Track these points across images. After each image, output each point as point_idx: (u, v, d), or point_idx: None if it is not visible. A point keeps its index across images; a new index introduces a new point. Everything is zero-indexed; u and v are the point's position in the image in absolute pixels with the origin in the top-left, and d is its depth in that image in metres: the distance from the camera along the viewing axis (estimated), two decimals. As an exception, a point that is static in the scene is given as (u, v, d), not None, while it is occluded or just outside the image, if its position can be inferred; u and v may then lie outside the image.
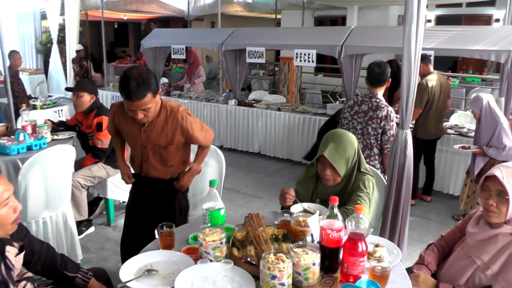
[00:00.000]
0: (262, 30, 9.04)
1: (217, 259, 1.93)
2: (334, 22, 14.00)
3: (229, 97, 7.74)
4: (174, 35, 9.62)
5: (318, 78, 11.86)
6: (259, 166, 6.85)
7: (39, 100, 7.85)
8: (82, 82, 4.47)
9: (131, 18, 18.27)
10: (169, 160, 2.92)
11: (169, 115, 2.78)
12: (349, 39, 6.42)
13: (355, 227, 1.83)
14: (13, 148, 3.94)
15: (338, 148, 2.47)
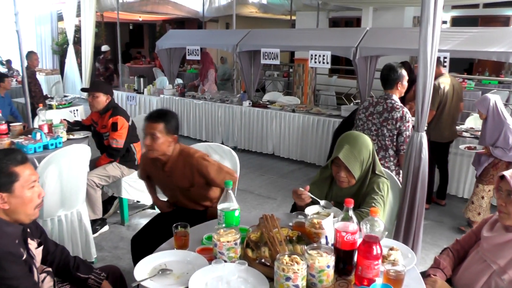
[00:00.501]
0: (277, 31, 9.04)
1: (231, 260, 1.93)
2: (349, 23, 13.93)
3: (243, 98, 7.75)
4: (189, 36, 9.68)
5: (332, 80, 11.82)
6: (273, 168, 6.85)
7: (55, 100, 7.94)
8: (98, 83, 4.52)
9: (146, 19, 18.37)
10: (198, 199, 3.11)
11: (186, 160, 2.98)
12: (364, 40, 6.41)
13: (370, 230, 1.82)
14: (30, 147, 4.01)
15: (353, 150, 2.47)
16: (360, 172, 2.50)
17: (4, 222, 1.89)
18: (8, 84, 7.05)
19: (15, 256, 1.84)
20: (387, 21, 12.03)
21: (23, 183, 1.91)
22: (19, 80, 10.38)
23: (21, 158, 1.94)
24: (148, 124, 2.89)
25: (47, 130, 4.50)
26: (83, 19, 12.57)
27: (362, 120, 3.91)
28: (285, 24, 16.56)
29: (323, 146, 6.61)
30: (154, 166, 3.10)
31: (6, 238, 1.85)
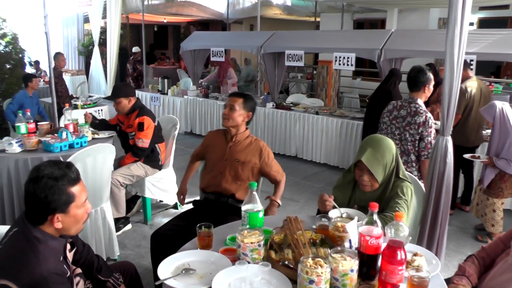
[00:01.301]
0: (301, 33, 9.04)
1: (254, 261, 1.94)
2: (373, 25, 13.82)
3: (267, 100, 7.75)
4: (214, 38, 9.74)
5: (356, 82, 11.75)
6: (295, 170, 6.84)
7: (80, 100, 8.06)
8: (116, 88, 4.55)
9: (171, 21, 18.51)
10: (240, 178, 3.29)
11: (253, 141, 3.36)
12: (389, 42, 6.36)
13: (394, 234, 1.80)
14: (56, 146, 4.08)
15: (376, 154, 2.45)
16: (383, 176, 2.48)
17: (49, 236, 1.88)
18: (36, 84, 7.18)
19: (60, 275, 1.84)
20: (412, 23, 11.89)
21: (77, 203, 1.91)
22: (46, 81, 10.58)
23: (76, 175, 1.93)
24: (230, 98, 3.36)
25: (72, 129, 4.56)
26: (108, 21, 12.74)
27: (386, 123, 3.88)
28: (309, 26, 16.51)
29: (347, 149, 6.58)
30: (220, 138, 3.43)
31: (52, 257, 1.84)
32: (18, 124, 4.47)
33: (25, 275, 1.72)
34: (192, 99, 8.90)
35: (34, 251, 1.80)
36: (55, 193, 1.82)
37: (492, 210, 4.39)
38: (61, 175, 1.86)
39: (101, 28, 13.56)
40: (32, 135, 4.29)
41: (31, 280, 1.72)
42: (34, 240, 1.82)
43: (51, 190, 1.82)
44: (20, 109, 5.18)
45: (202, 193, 3.48)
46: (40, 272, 1.75)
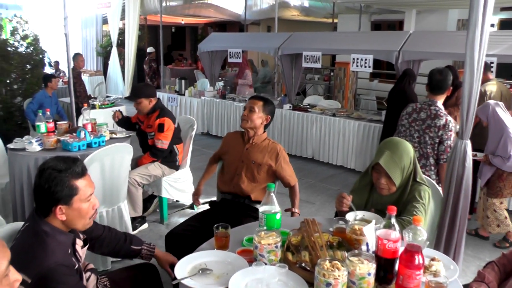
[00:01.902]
0: (319, 34, 9.03)
1: (271, 263, 1.94)
2: (391, 27, 13.70)
3: (284, 102, 7.75)
4: (231, 39, 9.76)
5: (373, 84, 11.69)
6: (312, 172, 6.82)
7: (98, 100, 8.15)
8: (137, 89, 4.59)
9: (189, 22, 18.62)
10: (256, 180, 3.33)
11: (271, 144, 3.39)
12: (407, 44, 6.32)
13: (412, 238, 1.79)
14: (74, 145, 4.12)
15: (393, 157, 2.44)
16: (400, 179, 2.46)
17: (58, 231, 1.93)
18: (55, 84, 7.27)
19: (68, 267, 1.89)
20: (430, 24, 11.78)
21: (81, 196, 1.94)
22: (65, 81, 10.72)
23: (81, 170, 1.97)
24: (251, 100, 3.40)
25: (90, 129, 4.61)
26: (127, 22, 12.85)
27: (404, 126, 3.85)
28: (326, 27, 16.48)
29: (363, 151, 6.54)
30: (238, 139, 3.47)
31: (60, 250, 1.89)
32: (38, 123, 4.54)
33: (34, 267, 1.78)
34: (209, 100, 8.93)
35: (42, 244, 1.86)
36: (58, 184, 1.87)
37: (493, 210, 4.36)
38: (65, 168, 1.91)
39: (119, 29, 13.69)
40: (51, 134, 4.34)
41: (40, 272, 1.77)
42: (42, 234, 1.88)
43: (54, 181, 1.87)
44: (39, 109, 5.26)
45: (219, 194, 3.51)
46: (48, 264, 1.81)
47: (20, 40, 8.20)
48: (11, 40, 8.09)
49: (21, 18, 8.42)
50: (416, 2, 10.26)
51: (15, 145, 4.24)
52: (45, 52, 8.99)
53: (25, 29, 8.33)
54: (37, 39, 8.49)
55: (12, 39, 8.11)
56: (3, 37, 8.00)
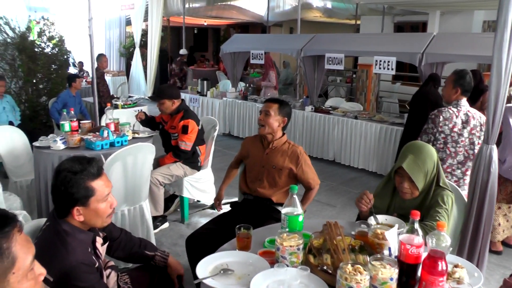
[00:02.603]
0: (341, 36, 9.00)
1: (293, 265, 1.94)
2: (414, 28, 13.54)
3: (306, 103, 7.74)
4: (253, 41, 9.77)
5: (395, 87, 11.57)
6: (333, 174, 6.79)
7: (121, 100, 8.23)
8: (161, 89, 4.64)
9: (211, 23, 18.71)
10: (278, 184, 3.30)
11: (291, 147, 3.34)
12: (431, 46, 6.24)
13: (435, 244, 1.75)
14: (97, 144, 4.19)
15: (417, 161, 2.41)
16: (423, 184, 2.44)
17: (78, 230, 1.96)
18: (79, 84, 7.39)
19: (89, 266, 1.93)
20: (455, 26, 11.57)
21: (98, 197, 1.97)
22: (88, 81, 10.87)
23: (97, 170, 1.98)
24: (265, 104, 3.37)
25: (113, 128, 4.66)
26: (150, 23, 13.00)
27: (444, 133, 3.75)
28: (349, 28, 16.40)
29: (385, 154, 6.49)
30: (257, 144, 3.45)
31: (80, 249, 1.93)
32: (62, 122, 4.62)
33: (55, 265, 1.81)
34: (231, 101, 8.97)
35: (63, 243, 1.89)
36: (74, 186, 1.90)
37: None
38: (80, 170, 1.92)
39: (142, 30, 13.84)
40: (75, 133, 4.41)
41: (61, 270, 1.81)
42: (62, 233, 1.91)
43: (69, 184, 1.89)
44: (63, 108, 5.34)
45: (241, 194, 3.52)
46: (69, 262, 1.84)
47: (46, 41, 8.36)
48: (38, 41, 8.26)
49: (48, 20, 8.58)
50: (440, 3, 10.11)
51: (40, 143, 4.33)
52: (70, 52, 9.14)
53: (51, 31, 8.49)
54: (62, 40, 8.65)
55: (39, 40, 8.28)
56: (31, 38, 8.14)
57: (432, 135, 3.79)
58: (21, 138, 4.92)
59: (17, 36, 7.87)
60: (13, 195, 4.10)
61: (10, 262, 1.06)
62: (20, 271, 1.09)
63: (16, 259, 1.07)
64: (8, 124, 6.00)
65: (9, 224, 1.09)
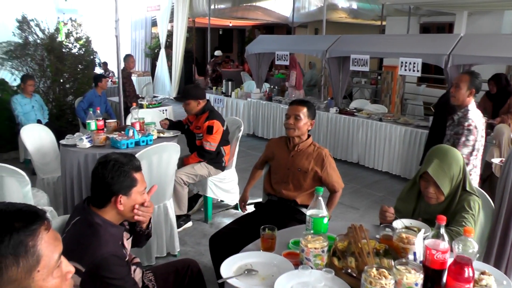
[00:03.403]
0: (367, 37, 8.91)
1: (317, 267, 1.94)
2: (440, 29, 13.29)
3: (330, 105, 7.70)
4: (278, 41, 9.77)
5: (420, 89, 11.42)
6: (357, 177, 6.74)
7: (146, 100, 8.33)
8: (187, 90, 4.67)
9: (236, 24, 18.75)
10: (303, 187, 3.29)
11: (316, 149, 3.32)
12: (458, 47, 6.14)
13: (462, 250, 1.72)
14: (123, 143, 4.23)
15: (442, 165, 2.39)
16: (449, 189, 2.41)
17: (109, 224, 2.02)
18: (105, 84, 7.52)
19: (120, 258, 1.97)
20: (483, 27, 11.30)
21: (139, 188, 2.07)
22: (113, 81, 11.03)
23: (138, 165, 2.12)
24: (293, 107, 3.32)
25: (139, 127, 4.71)
26: (175, 24, 13.10)
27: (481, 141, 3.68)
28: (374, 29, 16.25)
29: (410, 158, 6.40)
30: (282, 146, 3.44)
31: (112, 241, 1.98)
32: (88, 121, 4.69)
33: (88, 256, 1.86)
34: (255, 101, 8.99)
35: (96, 234, 1.94)
36: (121, 175, 2.00)
37: None
38: (127, 162, 2.05)
39: (167, 31, 13.95)
40: (100, 132, 4.48)
41: (93, 261, 1.85)
42: (95, 225, 1.97)
43: (117, 172, 2.00)
44: (89, 107, 5.43)
45: (265, 195, 3.53)
46: (101, 253, 1.88)
47: (73, 42, 8.52)
48: (66, 42, 8.43)
49: (75, 21, 8.74)
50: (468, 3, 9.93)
51: (67, 141, 4.41)
52: (96, 53, 9.29)
53: (79, 32, 8.65)
54: (89, 41, 8.81)
55: (66, 41, 8.45)
56: (59, 39, 8.31)
57: (472, 146, 3.62)
58: (48, 136, 5.03)
59: (46, 37, 8.06)
60: (40, 191, 4.20)
61: (35, 260, 1.07)
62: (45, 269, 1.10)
63: (41, 257, 1.09)
64: (36, 123, 6.14)
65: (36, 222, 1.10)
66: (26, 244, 1.05)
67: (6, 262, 1.02)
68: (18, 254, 1.04)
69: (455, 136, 3.65)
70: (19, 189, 3.34)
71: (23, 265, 1.05)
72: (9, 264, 1.02)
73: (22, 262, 1.04)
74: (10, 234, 1.03)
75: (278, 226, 2.38)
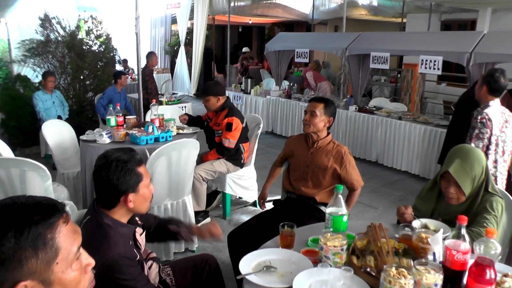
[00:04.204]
0: (387, 34, 8.84)
1: (336, 265, 1.93)
2: (462, 27, 13.01)
3: (350, 103, 7.65)
4: (298, 39, 9.75)
5: (440, 87, 11.27)
6: (375, 176, 6.69)
7: (165, 97, 8.37)
8: (207, 86, 4.68)
9: (256, 22, 18.75)
10: (322, 184, 3.28)
11: (335, 146, 3.30)
12: (480, 45, 6.03)
13: (483, 251, 1.69)
14: (142, 139, 4.27)
15: (464, 165, 2.34)
16: (471, 189, 2.36)
17: (119, 224, 2.02)
18: (124, 80, 7.59)
19: (130, 259, 1.98)
20: (508, 24, 11.00)
21: (145, 182, 2.06)
22: (133, 78, 11.12)
23: (140, 158, 2.09)
24: (311, 103, 3.32)
25: (158, 124, 4.75)
26: (195, 22, 13.16)
27: (495, 135, 3.63)
28: (394, 27, 16.12)
29: (429, 157, 6.32)
30: (301, 143, 3.42)
31: (122, 242, 1.98)
32: (108, 117, 4.74)
33: (98, 258, 1.85)
34: (274, 99, 8.97)
35: (106, 236, 1.95)
36: (126, 174, 1.98)
37: None
38: (128, 158, 2.02)
39: (187, 28, 14.02)
40: (120, 128, 4.53)
41: (104, 263, 1.86)
42: (105, 226, 1.97)
43: (122, 172, 1.97)
44: (109, 104, 5.48)
45: (284, 193, 3.52)
46: (112, 255, 1.89)
47: (94, 39, 8.62)
48: (86, 39, 8.53)
49: (96, 19, 8.83)
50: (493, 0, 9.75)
51: (87, 136, 4.48)
52: (116, 50, 9.38)
53: (99, 29, 8.74)
54: (109, 38, 8.90)
55: (87, 38, 8.55)
56: (80, 36, 8.41)
57: (487, 140, 3.62)
58: (69, 131, 5.10)
59: (67, 34, 8.16)
60: (60, 186, 4.29)
61: (54, 252, 1.09)
62: (64, 261, 1.12)
63: (59, 250, 1.11)
64: (57, 118, 6.22)
65: (55, 215, 1.12)
66: (44, 236, 1.07)
67: (26, 254, 1.04)
68: (37, 247, 1.06)
69: (471, 130, 3.66)
70: (40, 183, 3.40)
71: (42, 257, 1.07)
72: (28, 256, 1.04)
73: (41, 254, 1.06)
74: (29, 227, 1.05)
75: (297, 223, 2.37)
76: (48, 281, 1.08)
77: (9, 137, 7.33)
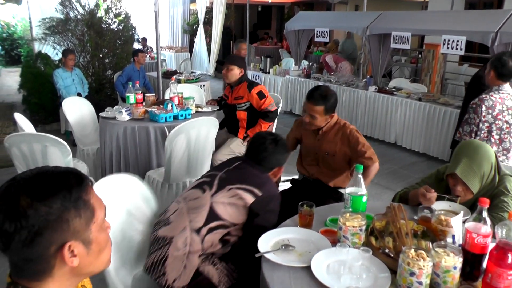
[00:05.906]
0: (409, 13, 8.65)
1: (354, 246, 1.92)
2: (488, 5, 12.62)
3: (369, 83, 7.57)
4: (318, 18, 9.67)
5: (462, 68, 11.05)
6: (394, 158, 6.64)
7: (183, 75, 8.38)
8: (233, 57, 4.68)
9: (275, 1, 18.60)
10: (334, 169, 3.23)
11: (340, 129, 3.19)
12: (507, 24, 5.84)
13: (505, 235, 1.66)
14: (161, 116, 4.31)
15: (472, 165, 2.27)
16: (479, 187, 2.30)
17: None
18: (142, 58, 7.57)
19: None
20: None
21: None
22: (152, 56, 11.13)
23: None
24: (309, 105, 3.12)
25: (177, 102, 4.76)
26: (214, 1, 13.07)
27: (487, 122, 3.50)
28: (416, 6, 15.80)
29: (448, 139, 6.20)
30: (308, 130, 3.32)
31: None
32: (128, 94, 4.77)
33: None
34: (293, 79, 8.92)
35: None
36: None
37: None
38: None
39: (206, 8, 13.95)
40: (139, 105, 4.55)
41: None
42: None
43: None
44: (128, 81, 5.51)
45: (300, 174, 3.50)
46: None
47: (113, 18, 8.63)
48: (105, 18, 8.55)
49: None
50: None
51: (106, 114, 4.52)
52: (135, 28, 9.39)
53: (118, 8, 8.74)
54: (128, 17, 8.90)
55: (106, 17, 8.56)
56: (99, 15, 8.43)
57: (474, 125, 3.52)
58: (88, 108, 5.17)
59: (87, 13, 8.20)
60: (80, 161, 4.36)
61: (91, 212, 1.15)
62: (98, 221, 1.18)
63: (95, 211, 1.17)
64: (76, 96, 6.29)
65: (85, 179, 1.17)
66: (83, 198, 1.13)
67: (71, 214, 1.10)
68: (79, 207, 1.11)
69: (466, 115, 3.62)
70: (61, 158, 3.48)
71: (84, 216, 1.13)
72: (73, 216, 1.10)
73: (83, 214, 1.12)
74: (69, 189, 1.11)
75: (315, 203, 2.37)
76: (87, 241, 1.14)
77: (31, 114, 7.44)
